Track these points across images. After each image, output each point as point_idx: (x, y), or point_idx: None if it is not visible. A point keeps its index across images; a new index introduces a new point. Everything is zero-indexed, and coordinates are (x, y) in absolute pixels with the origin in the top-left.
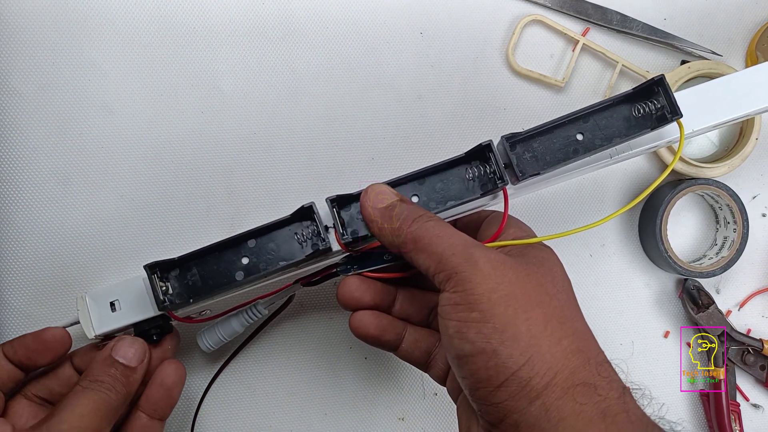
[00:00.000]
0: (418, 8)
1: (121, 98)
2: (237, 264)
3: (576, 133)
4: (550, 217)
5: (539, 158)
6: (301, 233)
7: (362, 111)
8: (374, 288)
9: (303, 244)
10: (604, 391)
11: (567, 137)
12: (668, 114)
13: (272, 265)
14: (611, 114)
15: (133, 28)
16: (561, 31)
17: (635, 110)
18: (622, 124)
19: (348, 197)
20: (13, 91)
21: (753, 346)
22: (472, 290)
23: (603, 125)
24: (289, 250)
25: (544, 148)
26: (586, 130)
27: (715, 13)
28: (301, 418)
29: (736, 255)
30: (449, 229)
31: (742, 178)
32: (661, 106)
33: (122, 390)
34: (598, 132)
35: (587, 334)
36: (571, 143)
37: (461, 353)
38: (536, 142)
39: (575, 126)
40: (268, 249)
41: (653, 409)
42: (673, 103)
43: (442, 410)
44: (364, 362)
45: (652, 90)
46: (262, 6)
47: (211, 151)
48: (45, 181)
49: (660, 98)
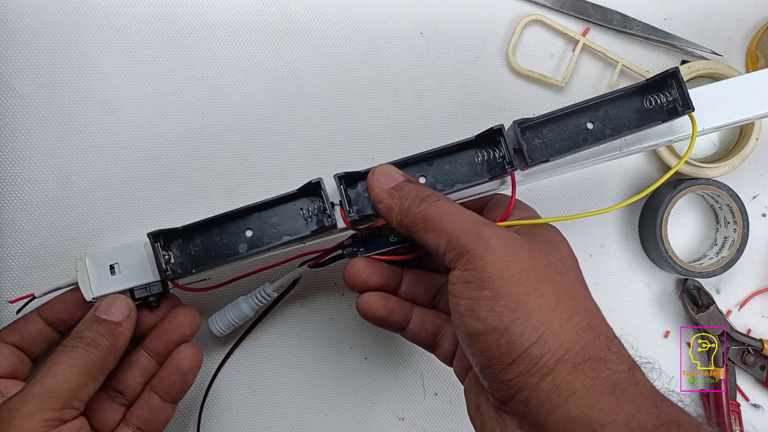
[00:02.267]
0: (418, 8)
1: (121, 98)
2: (240, 236)
3: (587, 122)
4: (550, 213)
5: (549, 145)
6: (307, 209)
7: (362, 111)
8: (381, 269)
9: (308, 219)
10: (614, 365)
11: (577, 125)
12: (680, 107)
13: (276, 239)
14: (623, 104)
15: (133, 28)
16: (561, 31)
17: (647, 102)
18: (634, 114)
19: (356, 175)
20: (13, 91)
21: (753, 346)
22: (484, 268)
23: (614, 115)
24: (294, 225)
25: (554, 135)
26: (597, 119)
27: (715, 13)
28: (301, 418)
29: (736, 255)
30: (458, 208)
31: (742, 178)
32: (673, 99)
33: (105, 344)
34: (608, 122)
35: (596, 310)
36: (581, 131)
37: (473, 331)
38: (546, 129)
39: (586, 114)
40: (272, 223)
41: (662, 382)
42: (685, 96)
43: (442, 410)
44: (364, 362)
45: (665, 82)
46: (262, 6)
47: (211, 151)
48: (45, 181)
49: (673, 91)
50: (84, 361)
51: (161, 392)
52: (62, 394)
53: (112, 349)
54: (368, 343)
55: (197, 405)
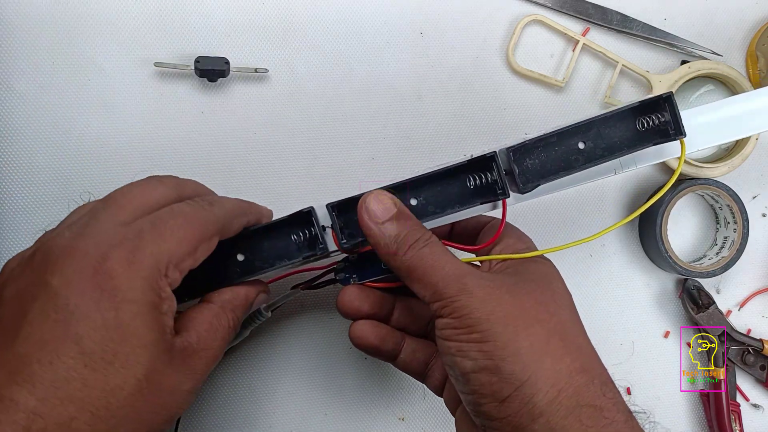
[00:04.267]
0: (418, 8)
1: (121, 98)
2: (232, 259)
3: (578, 142)
4: (549, 216)
5: (541, 167)
6: (298, 234)
7: (362, 111)
8: (373, 297)
9: (300, 246)
10: (611, 413)
11: (569, 146)
12: (672, 131)
13: (268, 263)
14: (615, 124)
15: (132, 28)
16: (561, 31)
17: (639, 123)
18: (626, 135)
19: (347, 203)
20: (13, 91)
21: (753, 346)
22: (469, 315)
23: (606, 135)
24: (286, 250)
25: (546, 156)
26: (589, 139)
27: (715, 13)
28: (301, 418)
29: (736, 255)
30: (443, 258)
31: (742, 178)
32: (666, 122)
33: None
34: (600, 141)
35: (591, 351)
36: (573, 152)
37: (464, 370)
38: (539, 150)
39: (578, 135)
40: (264, 247)
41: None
42: (678, 121)
43: (442, 410)
44: (364, 362)
45: (659, 105)
46: (262, 6)
47: (211, 151)
48: (45, 181)
49: (666, 114)
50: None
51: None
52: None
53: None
54: None
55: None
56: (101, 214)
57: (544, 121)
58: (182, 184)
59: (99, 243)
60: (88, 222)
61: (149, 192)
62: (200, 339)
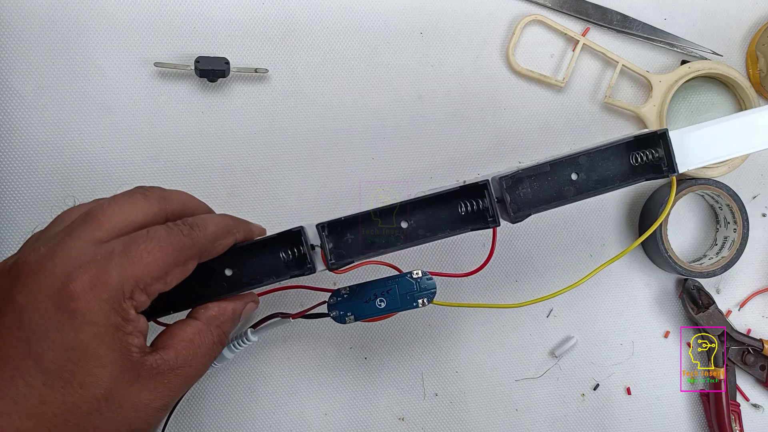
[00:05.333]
0: (418, 8)
1: (120, 98)
2: (220, 274)
3: (571, 173)
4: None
5: (533, 197)
6: (287, 253)
7: (362, 111)
8: None
9: (289, 264)
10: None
11: (562, 176)
12: (665, 168)
13: (255, 279)
14: (608, 157)
15: (132, 28)
16: (561, 31)
17: (633, 158)
18: (618, 169)
19: (337, 223)
20: (13, 91)
21: (753, 346)
22: None
23: (599, 168)
24: (274, 267)
25: (538, 186)
26: (582, 171)
27: (715, 13)
28: (301, 418)
29: (736, 255)
30: None
31: (742, 178)
32: (659, 158)
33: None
34: (593, 174)
35: None
36: (566, 182)
37: None
38: (531, 180)
39: (571, 166)
40: (252, 263)
41: None
42: (671, 158)
43: (442, 410)
44: (364, 362)
45: (653, 141)
46: (262, 6)
47: (211, 151)
48: (45, 181)
49: (659, 149)
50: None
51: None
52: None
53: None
54: (368, 343)
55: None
56: (78, 231)
57: (544, 121)
58: (168, 198)
59: (67, 263)
60: (63, 238)
61: (130, 209)
62: (179, 356)
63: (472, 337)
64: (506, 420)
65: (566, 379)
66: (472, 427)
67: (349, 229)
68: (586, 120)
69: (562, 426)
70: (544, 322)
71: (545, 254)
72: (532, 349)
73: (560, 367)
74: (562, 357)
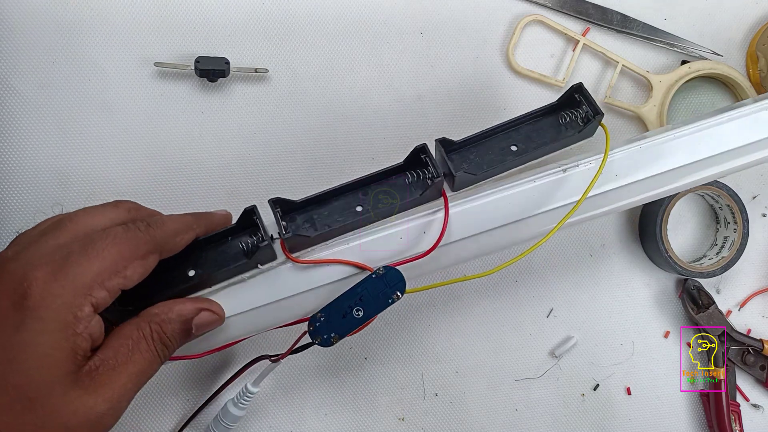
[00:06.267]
0: (418, 8)
1: (121, 98)
2: (181, 274)
3: (510, 145)
4: None
5: (476, 166)
6: (246, 242)
7: (362, 111)
8: None
9: (249, 252)
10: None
11: (501, 147)
12: (591, 116)
13: (220, 275)
14: (541, 125)
15: (132, 28)
16: (561, 31)
17: (562, 118)
18: (552, 132)
19: (291, 204)
20: (13, 90)
21: (753, 346)
22: None
23: (534, 136)
24: (234, 257)
25: (479, 158)
26: (519, 141)
27: (715, 13)
28: (301, 418)
29: (736, 255)
30: None
31: (742, 178)
32: (585, 112)
33: None
34: (530, 142)
35: None
36: (506, 152)
37: None
38: (471, 153)
39: (509, 137)
40: (213, 258)
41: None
42: (593, 104)
43: (442, 410)
44: (364, 362)
45: (574, 98)
46: (262, 6)
47: (211, 151)
48: (45, 181)
49: (583, 105)
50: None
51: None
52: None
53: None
54: (368, 343)
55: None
56: (45, 236)
57: None
58: (138, 209)
59: (26, 264)
60: (30, 243)
61: (97, 216)
62: (117, 353)
63: (472, 337)
64: (506, 420)
65: (566, 379)
66: (472, 427)
67: (304, 213)
68: None
69: (562, 426)
70: (544, 322)
71: (545, 254)
72: (532, 349)
73: (560, 367)
74: (562, 357)
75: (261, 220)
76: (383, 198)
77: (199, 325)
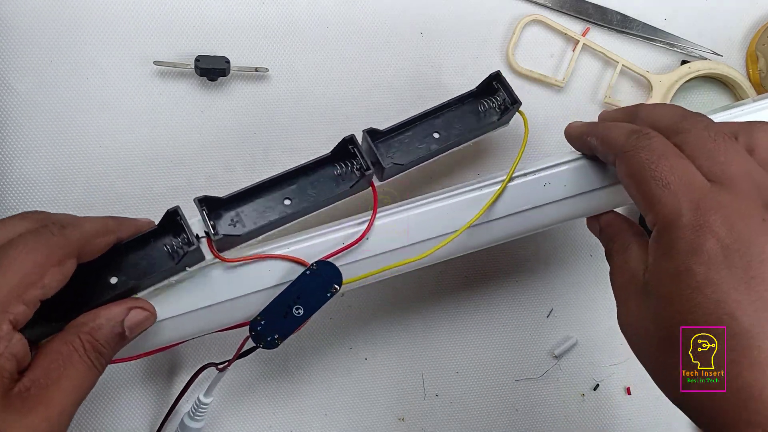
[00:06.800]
0: (418, 8)
1: (120, 97)
2: (104, 282)
3: (433, 132)
4: None
5: (403, 154)
6: (171, 245)
7: (362, 111)
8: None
9: (174, 253)
10: None
11: (424, 135)
12: (509, 105)
13: (143, 280)
14: (461, 112)
15: (132, 27)
16: (561, 31)
17: (481, 106)
18: (472, 119)
19: (217, 201)
20: (12, 90)
21: None
22: None
23: (455, 123)
24: (160, 261)
25: (405, 146)
26: (441, 129)
27: (715, 13)
28: (301, 418)
29: None
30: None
31: None
32: (503, 100)
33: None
34: (452, 129)
35: None
36: (430, 140)
37: None
38: (397, 141)
39: (432, 125)
40: (137, 264)
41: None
42: (511, 93)
43: (442, 411)
44: (364, 362)
45: (492, 86)
46: (262, 5)
47: (210, 150)
48: (44, 181)
49: (501, 93)
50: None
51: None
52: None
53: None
54: (368, 343)
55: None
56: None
57: (544, 121)
58: (50, 216)
59: None
60: None
61: (2, 229)
62: (48, 371)
63: (472, 337)
64: (506, 420)
65: (566, 379)
66: (472, 427)
67: (232, 210)
68: (586, 120)
69: (562, 426)
70: (544, 322)
71: (545, 254)
72: (532, 349)
73: (560, 367)
74: (562, 357)
75: (186, 221)
76: (311, 191)
77: (131, 326)
